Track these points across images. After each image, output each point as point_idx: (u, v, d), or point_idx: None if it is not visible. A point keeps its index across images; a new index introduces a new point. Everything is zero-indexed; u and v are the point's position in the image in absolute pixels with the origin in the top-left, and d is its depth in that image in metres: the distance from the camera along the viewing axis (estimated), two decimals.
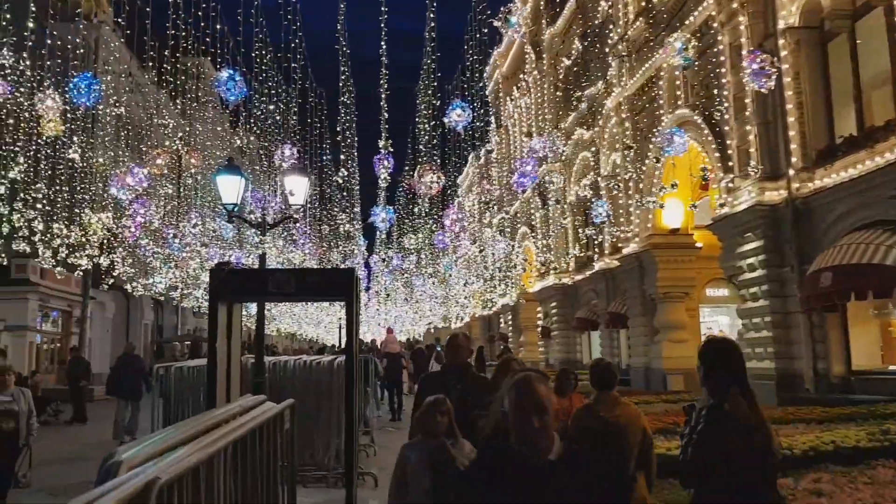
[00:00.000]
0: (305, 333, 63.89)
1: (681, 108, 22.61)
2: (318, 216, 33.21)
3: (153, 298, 37.29)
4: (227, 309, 5.01)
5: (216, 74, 12.18)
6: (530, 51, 40.26)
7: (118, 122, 22.36)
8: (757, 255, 18.33)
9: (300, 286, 5.12)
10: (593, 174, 32.59)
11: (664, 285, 24.73)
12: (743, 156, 18.78)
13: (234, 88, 11.95)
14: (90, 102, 12.63)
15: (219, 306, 4.92)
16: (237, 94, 12.18)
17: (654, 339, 25.31)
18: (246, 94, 12.82)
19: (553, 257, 37.36)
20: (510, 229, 43.68)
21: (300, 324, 55.57)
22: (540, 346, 41.98)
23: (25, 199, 17.33)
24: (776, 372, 17.61)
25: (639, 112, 26.69)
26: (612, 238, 28.61)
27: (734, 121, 19.16)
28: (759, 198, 17.93)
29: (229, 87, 11.85)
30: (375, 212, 15.73)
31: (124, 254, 24.82)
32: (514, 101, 46.13)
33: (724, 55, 19.66)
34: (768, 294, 17.95)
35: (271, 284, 5.27)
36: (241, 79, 12.20)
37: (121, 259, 24.29)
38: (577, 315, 34.12)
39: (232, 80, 11.97)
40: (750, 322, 18.78)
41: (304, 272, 6.90)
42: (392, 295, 50.52)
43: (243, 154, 31.15)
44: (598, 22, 30.50)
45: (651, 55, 24.84)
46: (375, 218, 15.53)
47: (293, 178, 11.18)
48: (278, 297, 6.14)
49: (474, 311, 58.02)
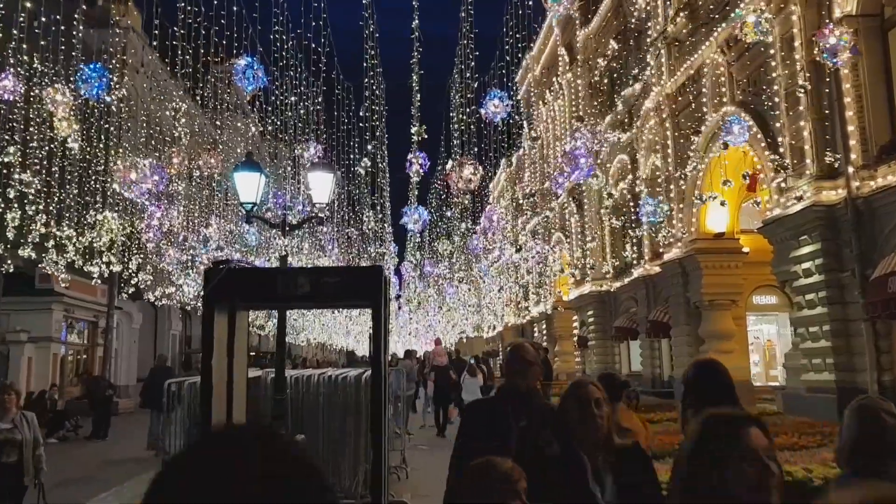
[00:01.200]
0: (336, 343, 63.20)
1: (726, 105, 21.47)
2: (347, 218, 32.27)
3: (181, 308, 36.82)
4: (229, 317, 4.15)
5: (234, 62, 11.37)
6: (564, 53, 39.23)
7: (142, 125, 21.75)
8: (813, 259, 17.15)
9: (316, 289, 4.14)
10: (631, 178, 31.49)
11: (710, 292, 23.52)
12: (796, 154, 17.64)
13: (252, 77, 11.15)
14: (99, 93, 11.88)
15: (216, 314, 4.06)
16: (255, 84, 11.38)
17: (700, 350, 24.07)
18: (265, 84, 12.00)
19: (590, 264, 36.21)
20: (544, 235, 42.55)
21: (329, 334, 54.82)
22: (576, 357, 40.79)
23: (35, 201, 16.69)
24: (836, 385, 16.42)
25: (680, 112, 25.56)
26: (654, 243, 27.44)
27: (786, 117, 18.01)
28: (815, 198, 16.78)
29: (248, 75, 11.05)
30: (407, 212, 14.74)
31: (141, 261, 24.17)
32: (546, 105, 45.11)
33: (773, 48, 18.54)
34: (826, 301, 16.77)
35: (280, 286, 4.38)
36: (259, 67, 11.42)
37: (136, 266, 23.62)
38: (616, 324, 32.96)
39: (250, 68, 11.17)
40: (806, 331, 17.58)
41: (321, 271, 5.85)
42: (423, 304, 49.54)
43: (267, 153, 30.50)
44: (635, 20, 29.44)
45: (693, 52, 23.75)
46: (407, 219, 14.50)
47: (317, 175, 10.32)
48: (289, 302, 5.14)
49: (507, 321, 56.95)
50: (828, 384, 16.69)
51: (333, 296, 4.36)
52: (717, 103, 22.24)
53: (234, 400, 4.17)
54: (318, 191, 10.09)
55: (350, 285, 4.41)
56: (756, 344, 26.71)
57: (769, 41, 18.55)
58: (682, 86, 25.01)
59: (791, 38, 17.81)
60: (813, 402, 17.06)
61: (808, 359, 17.55)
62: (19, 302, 24.70)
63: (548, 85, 44.91)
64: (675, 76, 25.27)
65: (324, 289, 4.14)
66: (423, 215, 13.89)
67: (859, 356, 16.11)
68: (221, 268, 4.08)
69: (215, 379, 3.94)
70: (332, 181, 10.05)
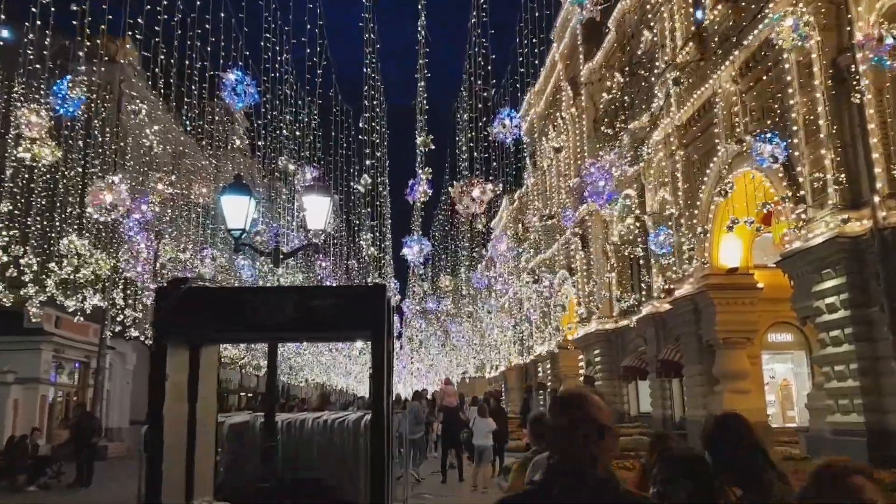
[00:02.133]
0: (335, 384, 61.90)
1: (740, 135, 20.75)
2: (345, 248, 30.97)
3: None
4: (192, 351, 3.28)
5: (224, 76, 10.58)
6: (567, 87, 38.75)
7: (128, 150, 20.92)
8: (838, 293, 16.26)
9: (303, 314, 3.28)
10: (638, 212, 30.71)
11: (724, 329, 22.58)
12: (817, 184, 16.83)
13: (243, 94, 10.33)
14: (70, 110, 11.09)
15: (170, 348, 3.16)
16: (246, 100, 10.58)
17: (714, 390, 23.08)
18: (256, 101, 11.21)
19: (595, 301, 35.27)
20: (548, 273, 41.64)
21: (328, 374, 53.59)
22: None
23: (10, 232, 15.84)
24: (866, 427, 15.42)
25: (690, 143, 24.86)
26: (664, 279, 26.52)
27: (805, 145, 17.26)
28: (839, 229, 15.94)
29: (238, 91, 10.24)
30: (408, 243, 13.82)
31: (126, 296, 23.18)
32: (549, 141, 44.54)
33: (790, 74, 17.86)
34: (853, 338, 15.84)
35: (256, 311, 3.32)
36: (251, 83, 10.61)
37: (123, 302, 22.64)
38: (624, 363, 31.93)
39: (240, 83, 10.37)
40: (832, 370, 16.62)
41: (308, 292, 4.83)
42: (425, 342, 48.39)
43: (258, 175, 29.46)
44: (642, 52, 28.92)
45: (703, 82, 23.11)
46: (408, 250, 13.55)
47: (313, 199, 9.47)
48: (268, 332, 4.11)
49: (510, 360, 55.81)
50: (856, 426, 15.70)
51: (325, 323, 3.35)
52: (730, 133, 21.54)
53: (198, 454, 3.28)
54: (313, 216, 9.24)
55: (345, 309, 3.40)
56: (771, 384, 25.64)
57: (802, 52, 17.83)
58: (692, 117, 24.33)
59: (809, 65, 17.12)
60: (840, 444, 16.03)
61: (833, 399, 16.58)
62: (7, 342, 23.79)
63: (551, 120, 44.40)
64: (684, 107, 24.60)
65: (313, 314, 3.25)
66: (426, 246, 12.96)
67: (890, 396, 15.15)
68: (179, 287, 3.19)
69: (172, 430, 3.06)
70: (328, 206, 9.22)
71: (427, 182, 12.39)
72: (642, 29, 29.41)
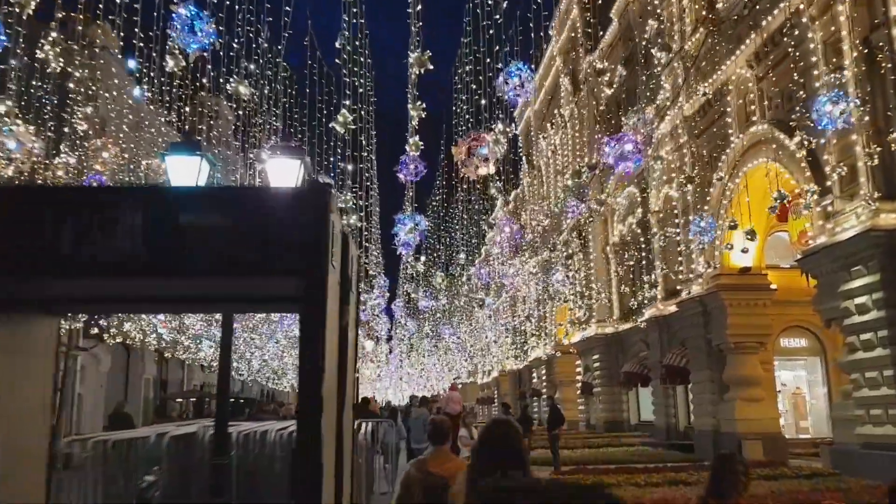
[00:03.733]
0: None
1: (756, 124, 19.33)
2: None
3: (156, 350, 34.25)
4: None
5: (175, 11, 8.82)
6: (566, 82, 37.32)
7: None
8: (870, 292, 14.78)
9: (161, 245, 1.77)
10: (640, 211, 29.29)
11: (735, 333, 21.11)
12: (846, 173, 15.36)
13: (200, 32, 8.59)
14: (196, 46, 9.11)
15: None
16: (201, 43, 8.90)
17: (724, 398, 21.59)
18: (209, 46, 9.47)
19: (595, 304, 33.80)
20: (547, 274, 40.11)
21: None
22: (580, 405, 38.05)
23: None
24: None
25: (699, 135, 23.41)
26: (669, 279, 25.02)
27: (832, 132, 15.77)
28: (871, 222, 14.49)
29: (196, 27, 8.46)
30: (402, 220, 11.93)
31: None
32: (547, 139, 43.10)
33: (815, 55, 16.42)
34: (888, 341, 14.37)
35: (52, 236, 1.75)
36: (207, 21, 8.88)
37: None
38: (624, 369, 30.42)
39: (198, 18, 8.57)
40: (862, 377, 15.14)
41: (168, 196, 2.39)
42: (417, 345, 46.70)
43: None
44: (646, 42, 27.49)
45: (714, 69, 21.70)
46: (401, 228, 11.70)
47: (280, 162, 7.79)
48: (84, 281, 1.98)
49: (504, 365, 54.25)
50: (890, 439, 14.21)
51: (200, 262, 1.84)
52: (745, 123, 20.11)
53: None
54: (280, 184, 7.60)
55: (248, 236, 1.82)
56: (784, 391, 24.18)
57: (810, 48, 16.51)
58: (702, 107, 22.89)
59: (838, 42, 15.68)
60: (871, 459, 14.58)
61: (864, 409, 15.08)
62: None
63: (549, 117, 42.95)
64: (693, 97, 23.16)
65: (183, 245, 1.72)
66: (421, 223, 11.35)
67: None
68: None
69: None
70: (299, 170, 7.61)
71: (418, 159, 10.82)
72: (646, 19, 28.00)
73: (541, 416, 40.23)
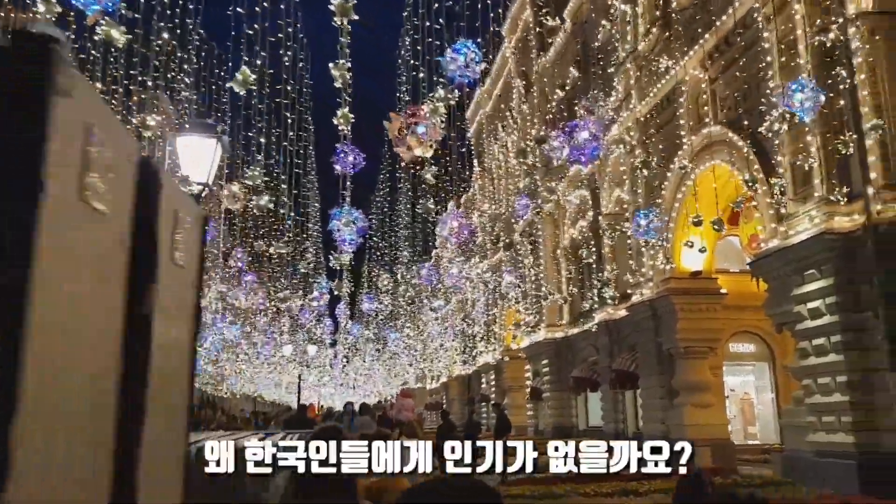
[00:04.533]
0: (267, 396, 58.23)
1: (709, 125, 19.02)
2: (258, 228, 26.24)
3: None
4: None
5: None
6: (519, 83, 36.89)
7: None
8: (824, 297, 14.47)
9: None
10: (591, 214, 28.91)
11: (686, 338, 20.78)
12: (800, 174, 15.08)
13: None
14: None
15: None
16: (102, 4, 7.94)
17: (674, 403, 21.25)
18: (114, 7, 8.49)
19: (545, 308, 33.36)
20: (495, 277, 39.61)
21: (258, 382, 50.27)
22: (529, 410, 37.55)
23: None
24: (856, 448, 13.62)
25: (650, 138, 23.09)
26: (620, 283, 24.65)
27: (787, 133, 15.49)
28: (826, 224, 14.19)
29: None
30: (337, 216, 10.99)
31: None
32: (499, 141, 42.64)
33: (770, 55, 16.13)
34: (842, 346, 14.05)
35: None
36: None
37: None
38: (574, 374, 30.01)
39: None
40: (814, 383, 14.82)
41: None
42: (362, 348, 45.60)
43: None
44: (599, 44, 27.15)
45: (666, 70, 21.38)
46: (337, 224, 10.72)
47: (192, 141, 6.89)
48: None
49: (452, 370, 53.60)
50: (842, 447, 13.90)
51: None
52: (697, 125, 19.81)
53: None
54: (192, 165, 6.71)
55: None
56: (732, 397, 23.97)
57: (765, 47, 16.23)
58: (654, 108, 22.57)
59: (793, 42, 15.40)
60: (823, 468, 14.28)
61: (816, 416, 14.77)
62: None
63: (501, 119, 42.50)
64: (645, 99, 22.83)
65: None
66: (359, 219, 10.49)
67: (884, 413, 13.37)
68: None
69: None
70: (216, 151, 6.74)
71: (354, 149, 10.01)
72: (599, 20, 27.70)
73: (489, 422, 39.61)
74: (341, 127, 8.95)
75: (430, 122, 8.59)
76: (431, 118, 8.39)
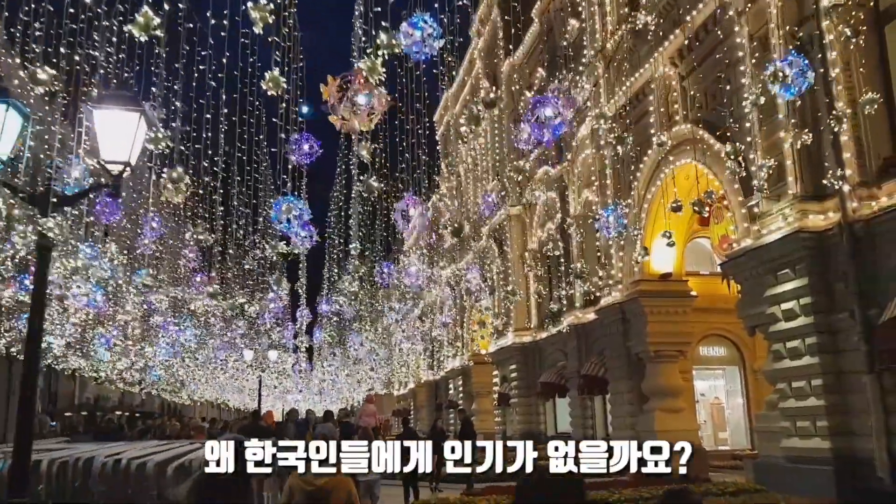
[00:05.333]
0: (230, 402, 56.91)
1: (679, 124, 18.60)
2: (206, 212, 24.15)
3: (43, 364, 31.53)
4: None
5: None
6: (486, 84, 36.39)
7: None
8: (797, 298, 14.06)
9: None
10: (560, 216, 28.42)
11: (656, 341, 20.36)
12: (773, 172, 14.63)
13: None
14: None
15: None
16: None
17: (644, 408, 20.78)
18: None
19: (512, 312, 32.81)
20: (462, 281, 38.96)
21: (221, 389, 49.03)
22: (496, 416, 36.97)
23: None
24: (832, 454, 13.19)
25: (620, 137, 22.59)
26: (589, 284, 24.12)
27: (759, 130, 15.09)
28: (799, 223, 13.80)
29: None
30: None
31: None
32: (466, 143, 42.08)
33: (742, 50, 15.72)
34: (816, 349, 13.64)
35: None
36: None
37: None
38: (542, 379, 29.51)
39: None
40: (788, 387, 14.38)
41: None
42: (324, 353, 44.61)
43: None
44: (567, 43, 26.68)
45: (636, 68, 20.95)
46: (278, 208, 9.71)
47: (111, 115, 6.16)
48: None
49: (419, 376, 52.86)
50: (818, 452, 13.46)
51: None
52: (667, 123, 19.39)
53: None
54: (111, 144, 5.98)
55: None
56: (702, 401, 23.58)
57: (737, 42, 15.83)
58: (623, 108, 22.11)
59: (765, 37, 15.01)
60: (797, 474, 13.84)
61: (790, 421, 14.32)
62: None
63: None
64: (613, 98, 22.37)
65: None
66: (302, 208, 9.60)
67: (860, 417, 12.95)
68: None
69: None
70: (138, 126, 6.01)
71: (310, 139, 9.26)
72: (567, 19, 27.25)
73: (456, 429, 38.98)
74: (270, 91, 8.08)
75: (376, 90, 7.83)
76: (371, 78, 7.60)
